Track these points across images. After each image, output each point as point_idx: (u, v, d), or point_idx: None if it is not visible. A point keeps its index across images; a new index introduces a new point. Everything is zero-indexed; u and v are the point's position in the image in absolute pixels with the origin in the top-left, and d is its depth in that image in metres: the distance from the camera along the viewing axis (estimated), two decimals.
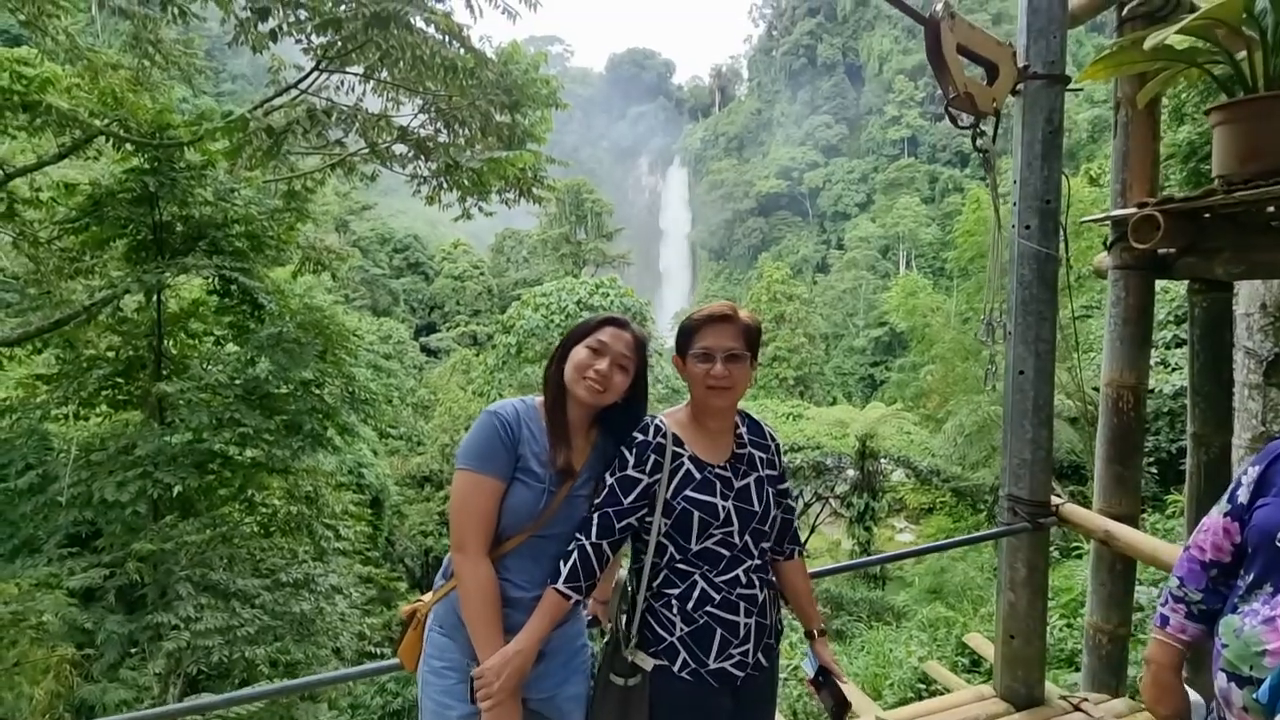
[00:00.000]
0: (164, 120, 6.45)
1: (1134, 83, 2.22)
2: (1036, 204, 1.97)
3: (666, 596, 1.49)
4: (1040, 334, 2.01)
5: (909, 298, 20.98)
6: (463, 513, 1.44)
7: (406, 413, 18.64)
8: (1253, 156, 1.80)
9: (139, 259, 7.12)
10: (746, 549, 1.51)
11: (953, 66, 1.59)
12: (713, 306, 1.53)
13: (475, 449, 1.45)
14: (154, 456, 6.47)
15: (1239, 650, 1.20)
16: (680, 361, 1.56)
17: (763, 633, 1.53)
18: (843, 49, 73.15)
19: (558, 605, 1.44)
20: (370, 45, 5.80)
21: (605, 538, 1.46)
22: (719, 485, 1.50)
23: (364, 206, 34.86)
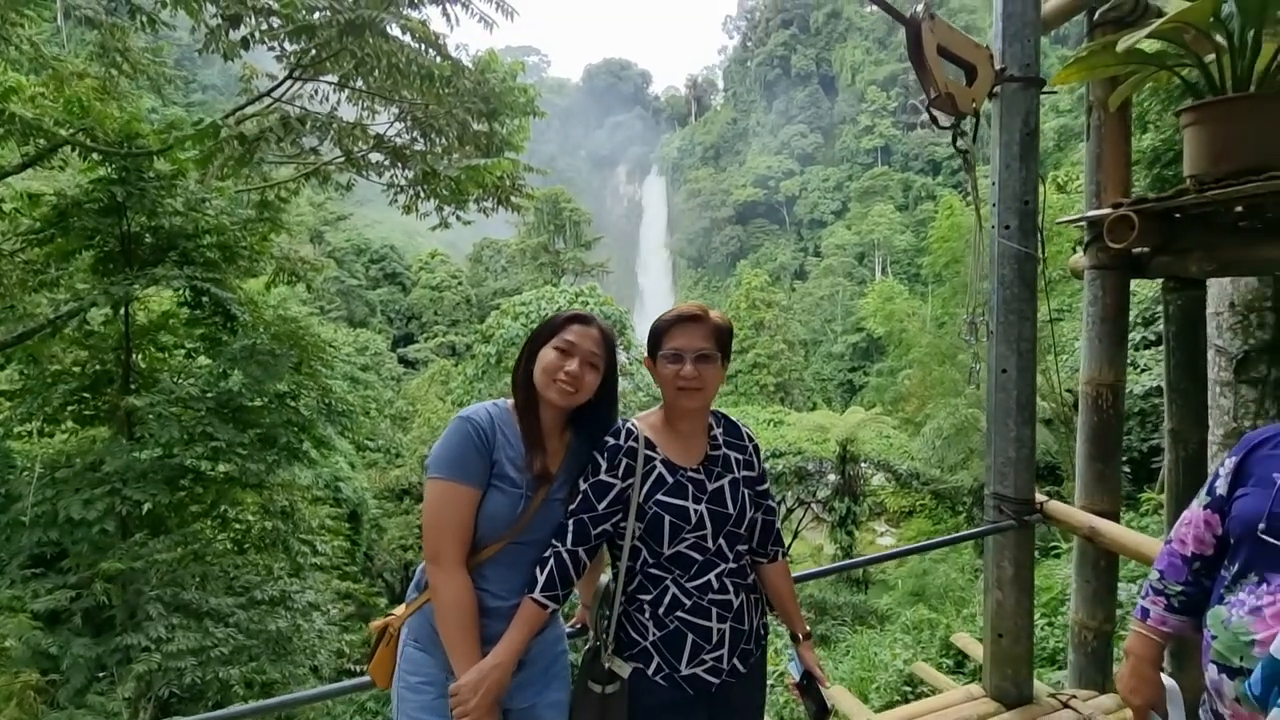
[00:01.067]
0: (132, 129, 6.30)
1: (1106, 86, 2.27)
2: (1015, 204, 2.00)
3: (640, 601, 1.47)
4: (1021, 333, 2.03)
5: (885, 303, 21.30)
6: (437, 524, 1.38)
7: (384, 425, 18.36)
8: (1223, 156, 1.84)
9: (106, 271, 6.92)
10: (721, 553, 1.49)
11: (934, 67, 1.61)
12: (682, 307, 1.51)
13: (448, 457, 1.39)
14: (122, 473, 6.27)
15: (1228, 641, 1.20)
16: (651, 363, 1.53)
17: (739, 638, 1.50)
18: (816, 60, 74.42)
19: (535, 615, 1.41)
20: (345, 53, 5.74)
21: (581, 544, 1.44)
22: (691, 489, 1.48)
23: (339, 217, 34.44)
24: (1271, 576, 1.17)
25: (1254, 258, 2.08)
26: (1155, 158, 8.12)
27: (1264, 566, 1.19)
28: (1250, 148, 1.81)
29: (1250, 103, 1.83)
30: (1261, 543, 1.19)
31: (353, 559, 13.54)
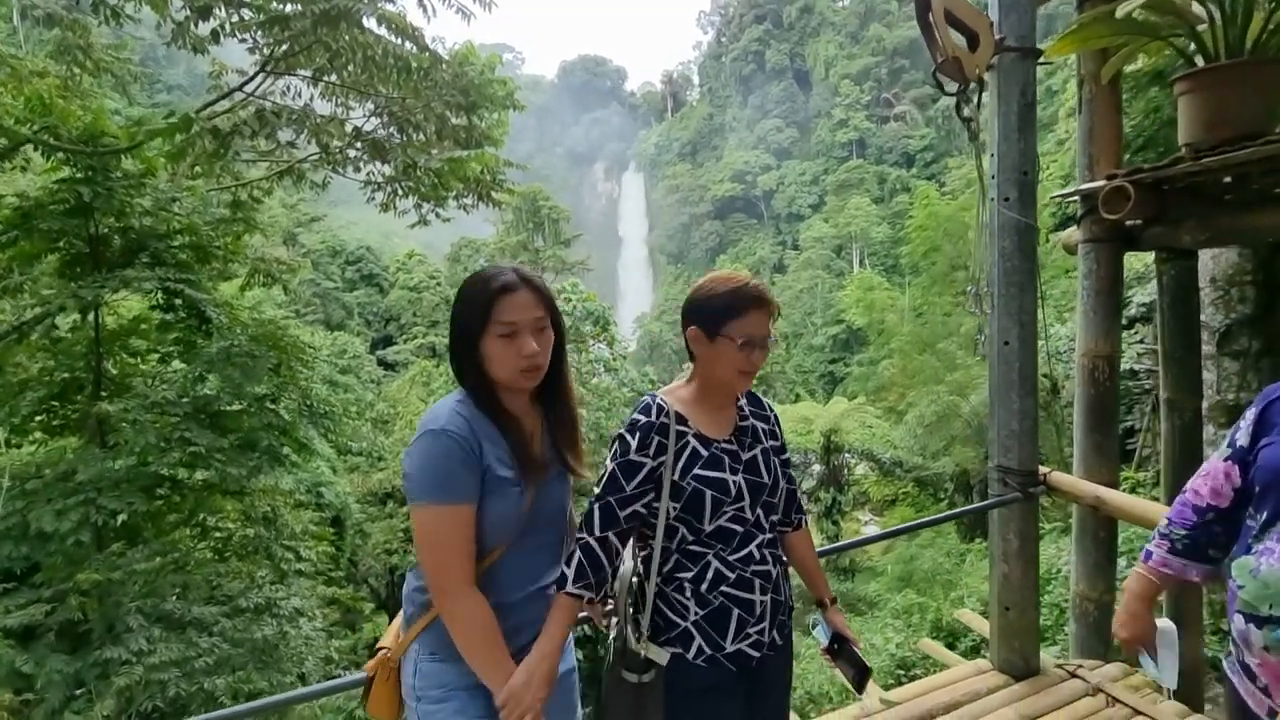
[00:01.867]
0: (98, 127, 6.10)
1: (1097, 59, 2.28)
2: (1015, 175, 2.00)
3: (678, 581, 1.43)
4: (1023, 304, 2.03)
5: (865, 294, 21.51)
6: (438, 553, 1.25)
7: (366, 428, 18.10)
8: (1218, 123, 1.86)
9: (74, 274, 6.69)
10: (759, 523, 1.46)
11: (941, 31, 1.60)
12: (751, 286, 1.42)
13: (435, 478, 1.25)
14: (96, 482, 6.07)
15: (1256, 590, 1.20)
16: (701, 336, 1.43)
17: (778, 609, 1.49)
18: (790, 55, 74.88)
19: (571, 609, 1.36)
20: (319, 46, 5.61)
21: (611, 528, 1.38)
22: (728, 460, 1.45)
23: (313, 218, 33.81)
24: None
25: (1245, 225, 2.11)
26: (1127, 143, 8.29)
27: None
28: (1244, 114, 1.83)
29: (1243, 69, 1.85)
30: None
31: (337, 565, 13.32)
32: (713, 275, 1.47)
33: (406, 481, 1.28)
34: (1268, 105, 1.85)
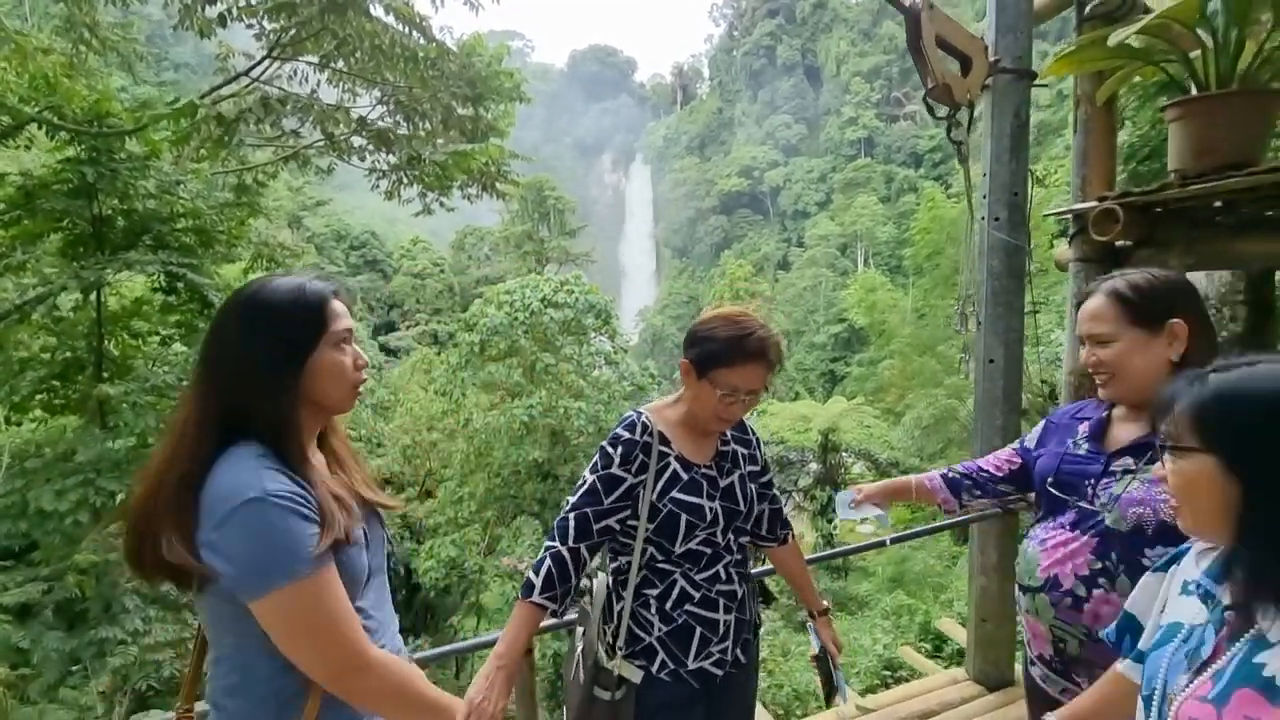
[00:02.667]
0: (103, 108, 6.11)
1: (1093, 80, 2.29)
2: (1005, 196, 2.02)
3: (645, 597, 1.44)
4: (1010, 324, 2.06)
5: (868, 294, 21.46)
6: (328, 628, 1.00)
7: (366, 414, 18.18)
8: (1206, 152, 1.87)
9: (76, 255, 6.72)
10: (728, 546, 1.48)
11: (931, 57, 1.62)
12: (754, 339, 1.37)
13: (292, 551, 0.97)
14: (95, 463, 6.13)
15: (1025, 567, 1.49)
16: (693, 372, 1.41)
17: (741, 628, 1.50)
18: (802, 50, 74.37)
19: (533, 618, 1.35)
20: (326, 32, 5.61)
21: (583, 540, 1.38)
22: (705, 485, 1.46)
23: (318, 202, 33.81)
24: (1056, 518, 1.46)
25: (1232, 252, 2.12)
26: (1131, 153, 8.26)
27: (1052, 510, 1.48)
28: (1232, 144, 1.85)
29: (1233, 100, 1.86)
30: (1050, 493, 1.48)
31: None
32: (722, 312, 1.43)
33: (242, 574, 0.97)
34: (1256, 135, 1.86)
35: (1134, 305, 1.34)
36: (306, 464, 1.07)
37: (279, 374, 1.06)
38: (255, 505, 0.97)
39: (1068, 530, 1.41)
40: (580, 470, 11.69)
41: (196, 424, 1.04)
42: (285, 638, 1.01)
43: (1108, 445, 1.43)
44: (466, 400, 14.48)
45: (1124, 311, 1.34)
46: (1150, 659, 1.03)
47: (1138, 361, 1.33)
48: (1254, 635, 0.92)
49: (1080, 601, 1.36)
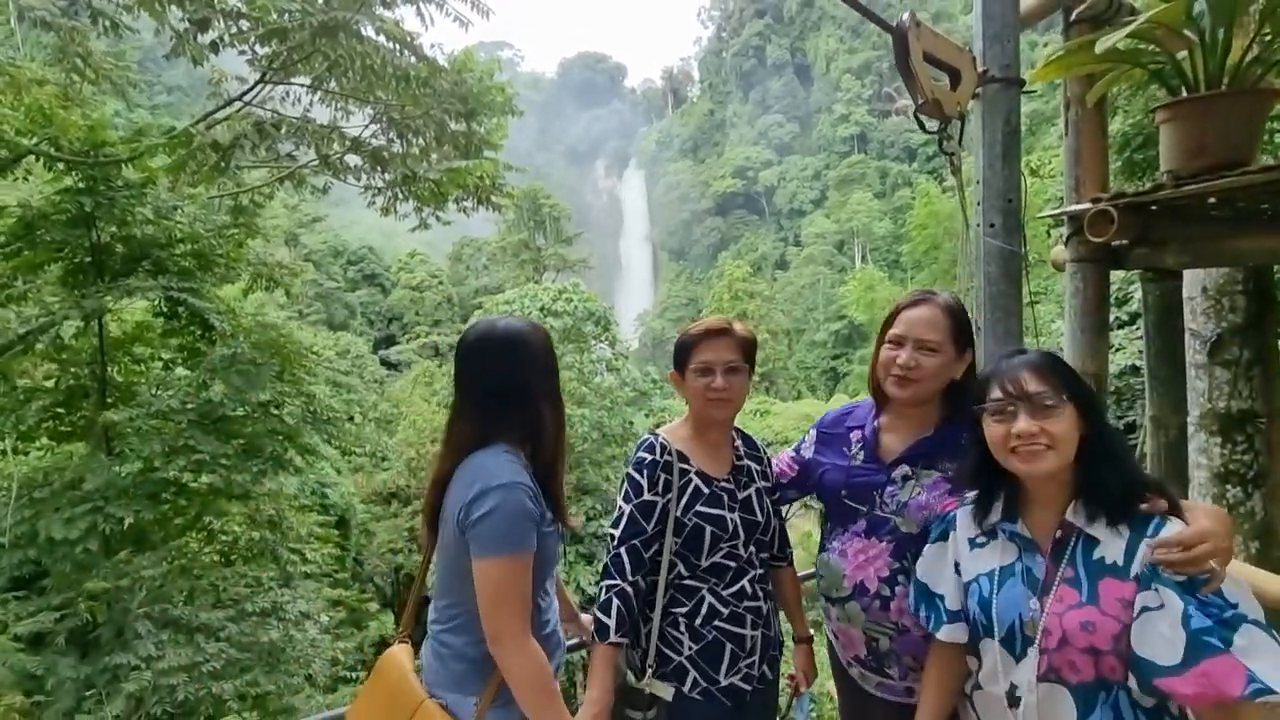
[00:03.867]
0: (98, 137, 6.15)
1: (1083, 82, 2.30)
2: (999, 203, 2.03)
3: (673, 615, 1.48)
4: (1008, 327, 2.07)
5: (866, 291, 21.50)
6: (508, 603, 1.27)
7: (369, 428, 18.19)
8: (1198, 152, 1.89)
9: (77, 283, 6.76)
10: (751, 560, 1.52)
11: (920, 74, 1.64)
12: (708, 321, 1.53)
13: (515, 533, 1.28)
14: (103, 490, 6.15)
15: (830, 579, 1.56)
16: (678, 377, 1.55)
17: (768, 644, 1.54)
18: (791, 49, 74.57)
19: (614, 658, 1.41)
20: (318, 55, 5.64)
21: (640, 571, 1.43)
22: (726, 498, 1.51)
23: (314, 219, 33.90)
24: (848, 527, 1.54)
25: (1227, 250, 2.14)
26: (1125, 142, 8.28)
27: (843, 520, 1.56)
28: (1223, 144, 1.86)
29: (1222, 100, 1.87)
30: (844, 504, 1.55)
31: (343, 565, 13.44)
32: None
33: (479, 535, 1.27)
34: (1247, 135, 1.88)
35: (957, 325, 1.47)
36: (551, 467, 1.40)
37: (537, 399, 1.40)
38: (507, 490, 1.28)
39: (863, 538, 1.51)
40: (585, 478, 11.66)
41: (462, 429, 1.40)
42: (485, 601, 1.28)
43: (883, 455, 1.55)
44: None
45: (951, 327, 1.46)
46: (998, 603, 1.20)
47: (944, 374, 1.46)
48: (1084, 540, 1.17)
49: (887, 601, 1.46)
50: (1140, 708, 1.12)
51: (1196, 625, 1.03)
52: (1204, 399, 3.64)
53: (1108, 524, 1.16)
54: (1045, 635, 1.15)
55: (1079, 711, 1.14)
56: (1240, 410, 3.55)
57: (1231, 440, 3.56)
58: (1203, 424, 3.66)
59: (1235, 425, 3.55)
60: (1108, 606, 1.12)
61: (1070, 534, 1.19)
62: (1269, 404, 3.55)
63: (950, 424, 1.48)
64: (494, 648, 1.28)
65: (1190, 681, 1.02)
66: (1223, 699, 1.00)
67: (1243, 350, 3.53)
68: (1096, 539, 1.17)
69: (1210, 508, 1.19)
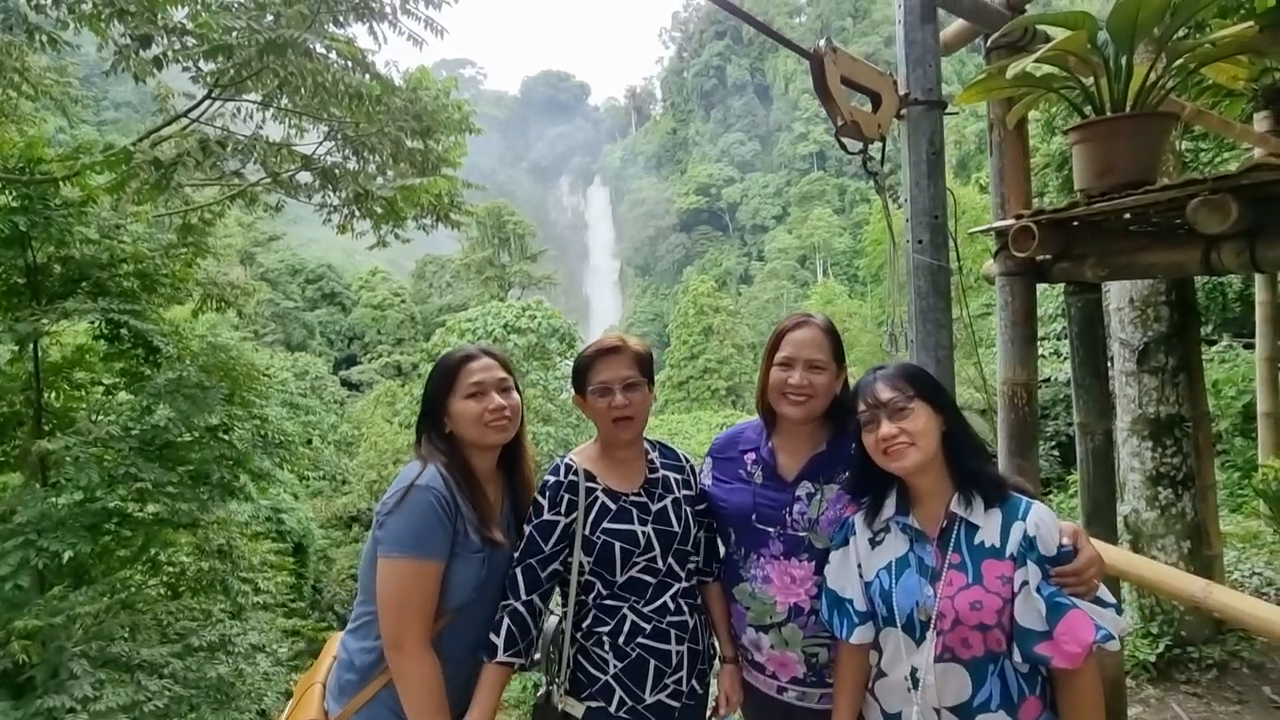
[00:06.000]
0: (34, 154, 5.93)
1: (1004, 105, 2.42)
2: (926, 220, 2.11)
3: (597, 635, 1.47)
4: (939, 341, 2.14)
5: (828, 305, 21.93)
6: (404, 607, 1.29)
7: (329, 451, 17.71)
8: (1107, 172, 1.99)
9: (10, 305, 6.47)
10: (672, 572, 1.51)
11: (837, 97, 1.70)
12: (602, 340, 1.55)
13: (415, 532, 1.31)
14: (37, 523, 5.84)
15: (760, 609, 1.55)
16: (581, 400, 1.55)
17: (695, 659, 1.53)
18: (751, 70, 76.34)
19: (501, 678, 1.41)
20: (267, 72, 5.56)
21: (534, 591, 1.44)
22: (635, 512, 1.51)
23: (271, 237, 33.11)
24: (760, 551, 1.55)
25: (1141, 263, 2.25)
26: (1064, 160, 8.69)
27: (755, 545, 1.56)
28: (1129, 163, 1.97)
29: (1126, 122, 1.99)
30: (752, 527, 1.56)
31: (300, 594, 12.99)
32: None
33: (382, 533, 1.32)
34: (1150, 155, 1.99)
35: (835, 344, 1.57)
36: (469, 476, 1.44)
37: (422, 425, 1.51)
38: (420, 491, 1.33)
39: (783, 560, 1.52)
40: None
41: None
42: (381, 600, 1.31)
43: (783, 474, 1.57)
44: None
45: (831, 346, 1.56)
46: (897, 593, 1.30)
47: (830, 390, 1.54)
48: (965, 526, 1.29)
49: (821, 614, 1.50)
50: (1020, 674, 1.27)
51: (1047, 592, 1.22)
52: (1134, 405, 3.81)
53: (985, 509, 1.30)
54: (940, 618, 1.26)
55: (973, 684, 1.26)
56: (1169, 415, 3.73)
57: (1162, 444, 3.74)
58: (1134, 429, 3.83)
59: (1165, 430, 3.73)
60: (990, 585, 1.25)
61: (954, 522, 1.32)
62: (1195, 409, 3.74)
63: (841, 437, 1.54)
64: (391, 653, 1.30)
65: (1057, 643, 1.19)
66: (1084, 651, 1.18)
67: (1169, 358, 3.72)
68: (976, 525, 1.30)
69: (1088, 539, 1.33)
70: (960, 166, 28.67)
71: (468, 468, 1.44)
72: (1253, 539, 4.67)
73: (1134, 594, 3.74)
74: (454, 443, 1.45)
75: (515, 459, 1.58)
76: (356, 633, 1.40)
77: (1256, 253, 1.85)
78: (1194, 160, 6.74)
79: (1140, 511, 3.78)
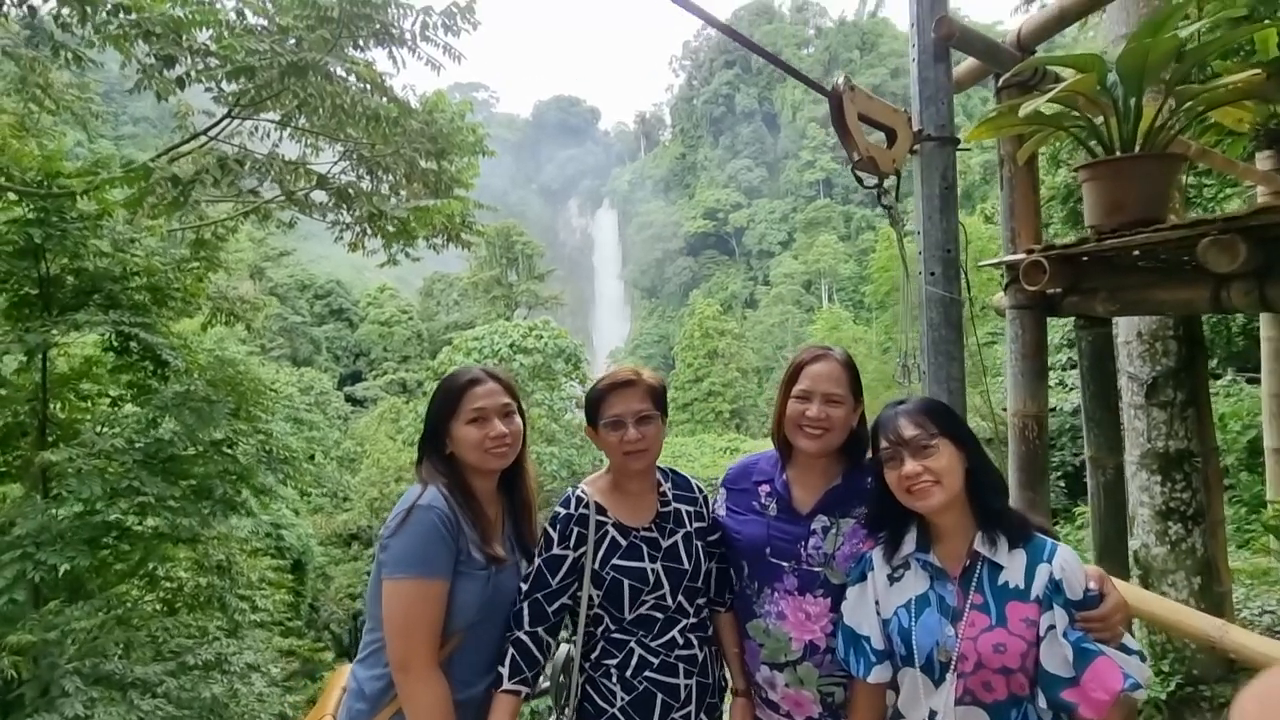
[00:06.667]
0: (53, 168, 6.03)
1: (1014, 141, 2.45)
2: (939, 253, 2.13)
3: (605, 666, 1.46)
4: (950, 373, 2.14)
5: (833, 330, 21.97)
6: (411, 628, 1.30)
7: (331, 467, 17.68)
8: (1117, 209, 2.01)
9: (21, 316, 6.52)
10: (681, 609, 1.50)
11: (855, 133, 1.73)
12: (615, 373, 1.55)
13: (418, 552, 1.32)
14: (35, 535, 5.80)
15: (775, 645, 1.52)
16: (593, 432, 1.54)
17: (705, 692, 1.52)
18: (759, 98, 77.45)
19: (511, 705, 1.39)
20: (287, 93, 5.67)
21: (540, 624, 1.43)
22: (645, 548, 1.50)
23: (281, 253, 33.47)
24: (775, 585, 1.52)
25: (1151, 299, 2.26)
26: (1069, 193, 8.76)
27: (769, 579, 1.53)
28: (1139, 201, 1.99)
29: (1136, 162, 2.01)
30: (766, 561, 1.54)
31: (296, 612, 12.86)
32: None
33: (385, 555, 1.32)
34: (1159, 193, 2.02)
35: (853, 378, 1.55)
36: (468, 498, 1.43)
37: (424, 446, 1.50)
38: (421, 510, 1.34)
39: (797, 596, 1.50)
40: None
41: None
42: (387, 622, 1.31)
43: (798, 507, 1.55)
44: None
45: (850, 380, 1.54)
46: (917, 632, 1.28)
47: (847, 424, 1.52)
48: (988, 565, 1.27)
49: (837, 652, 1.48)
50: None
51: (1073, 637, 1.21)
52: (1143, 439, 3.78)
53: (1009, 549, 1.28)
54: (961, 660, 1.24)
55: None
56: (1178, 450, 3.70)
57: (1171, 479, 3.70)
58: (1143, 463, 3.80)
59: (1174, 464, 3.69)
60: (1015, 627, 1.23)
61: (977, 562, 1.30)
62: (1204, 443, 3.71)
63: (856, 471, 1.54)
64: (399, 675, 1.30)
65: (1084, 690, 1.17)
66: (1111, 699, 1.15)
67: (1177, 392, 3.70)
68: (1000, 565, 1.28)
69: (1113, 583, 1.32)
70: (965, 197, 28.89)
71: (468, 489, 1.45)
72: (1262, 575, 4.60)
73: (1144, 631, 3.67)
74: (454, 464, 1.46)
75: (516, 480, 1.58)
76: (366, 661, 1.39)
77: (1266, 292, 1.86)
78: (1197, 196, 6.78)
79: (1150, 546, 3.73)
